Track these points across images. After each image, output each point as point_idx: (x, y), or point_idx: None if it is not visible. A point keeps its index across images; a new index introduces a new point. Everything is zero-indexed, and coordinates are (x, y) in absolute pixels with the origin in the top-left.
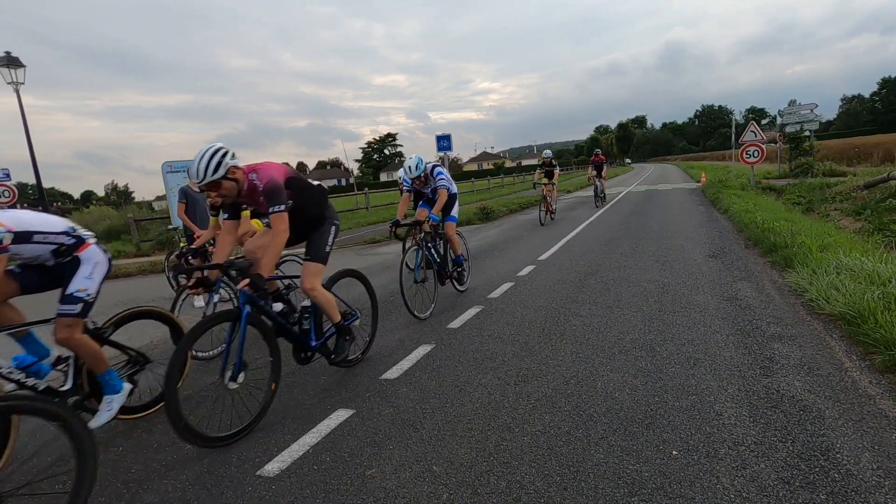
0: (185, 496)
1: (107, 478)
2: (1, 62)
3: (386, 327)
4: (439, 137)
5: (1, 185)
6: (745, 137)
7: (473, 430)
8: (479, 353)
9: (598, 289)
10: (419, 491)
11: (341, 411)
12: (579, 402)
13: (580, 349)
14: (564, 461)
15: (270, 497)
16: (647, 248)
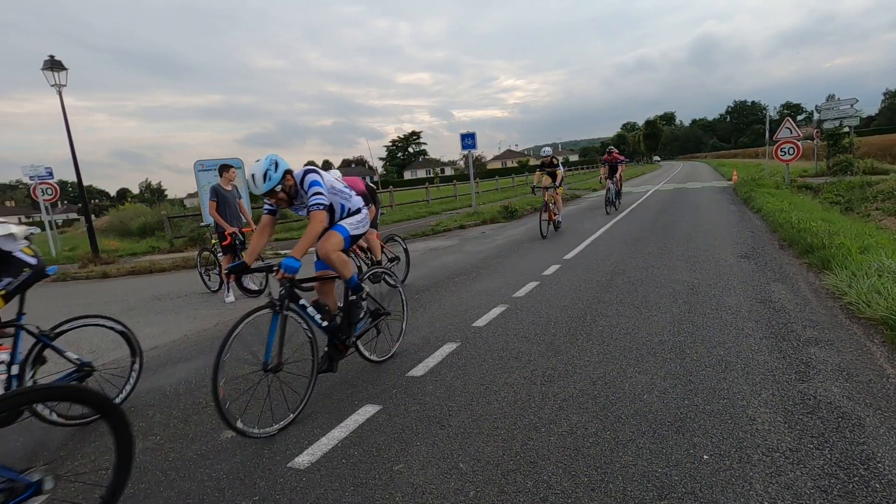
0: (219, 485)
1: (146, 465)
2: (45, 66)
3: (410, 325)
4: (464, 136)
5: (44, 183)
6: (780, 134)
7: (500, 429)
8: (504, 352)
9: (626, 289)
10: (446, 487)
11: (369, 407)
12: (607, 403)
13: (607, 350)
14: (592, 462)
15: (301, 489)
16: (676, 248)
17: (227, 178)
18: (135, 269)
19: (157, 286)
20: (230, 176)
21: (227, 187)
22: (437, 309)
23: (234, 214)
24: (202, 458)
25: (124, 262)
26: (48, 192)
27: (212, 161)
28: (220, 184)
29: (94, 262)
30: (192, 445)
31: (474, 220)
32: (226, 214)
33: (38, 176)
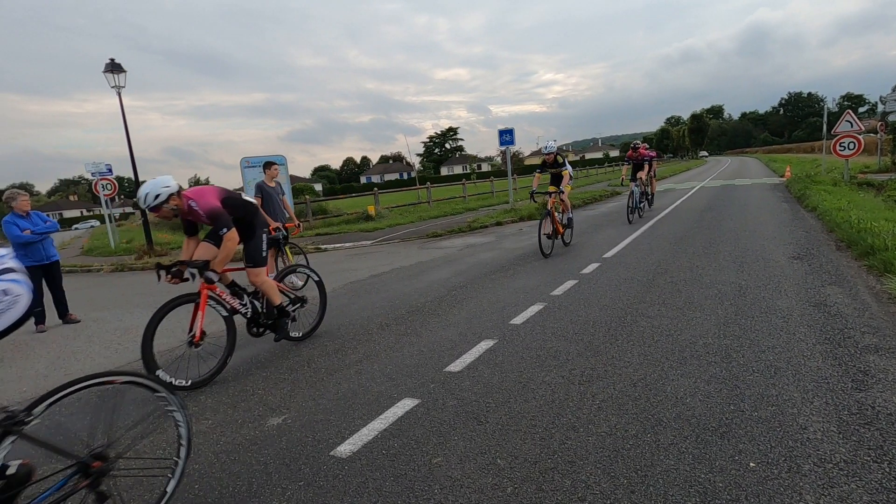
0: (267, 469)
1: (200, 447)
2: (106, 68)
3: (448, 321)
4: (502, 132)
5: (104, 179)
6: (840, 127)
7: (537, 428)
8: (542, 351)
9: (668, 289)
10: (484, 483)
11: (407, 400)
12: (647, 405)
13: (648, 351)
14: (632, 464)
15: (344, 476)
16: (723, 247)
17: (270, 175)
18: None
19: None
20: (273, 173)
21: (271, 184)
22: (475, 305)
23: (278, 210)
24: (250, 443)
25: (176, 254)
26: (108, 188)
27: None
28: (264, 180)
29: (148, 253)
30: (241, 430)
31: (511, 217)
32: (270, 210)
33: (99, 172)
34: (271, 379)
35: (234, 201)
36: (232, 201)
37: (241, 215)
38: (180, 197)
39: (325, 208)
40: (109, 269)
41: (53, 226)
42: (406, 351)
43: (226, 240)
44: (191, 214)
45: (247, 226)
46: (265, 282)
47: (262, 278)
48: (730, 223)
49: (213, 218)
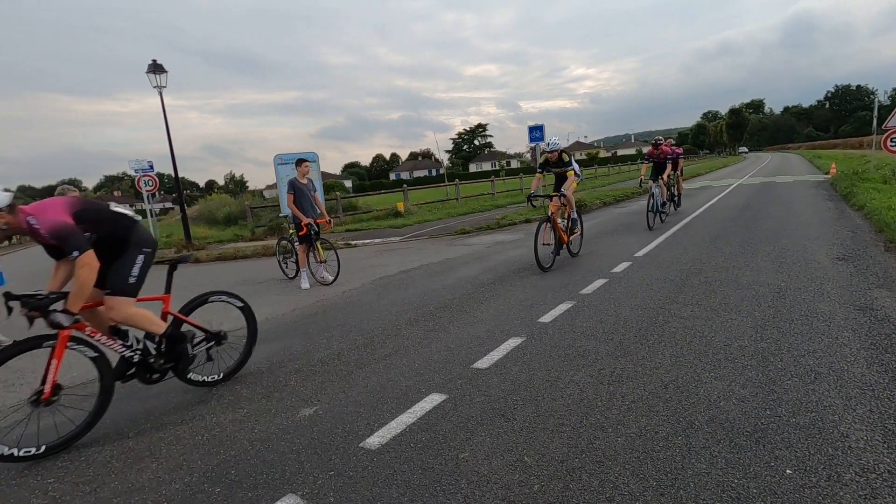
0: (299, 458)
1: (235, 434)
2: (149, 69)
3: (476, 318)
4: (531, 128)
5: (146, 175)
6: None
7: (565, 426)
8: (570, 350)
9: (702, 290)
10: (511, 479)
11: (435, 395)
12: (679, 408)
13: (680, 353)
14: (662, 466)
15: (373, 467)
16: (761, 247)
17: (301, 172)
18: (222, 256)
19: (241, 272)
20: (304, 170)
21: (303, 180)
22: (503, 303)
23: (310, 206)
24: (283, 433)
25: (212, 248)
26: (149, 184)
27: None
28: (297, 177)
29: (187, 248)
30: (275, 420)
31: (541, 214)
32: (302, 206)
33: (142, 169)
34: (303, 371)
35: (95, 214)
36: (91, 214)
37: (108, 231)
38: (13, 213)
39: (355, 205)
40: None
41: None
42: (434, 347)
43: (78, 266)
44: (33, 234)
45: (118, 243)
46: (132, 315)
47: (126, 311)
48: (769, 222)
49: (58, 238)
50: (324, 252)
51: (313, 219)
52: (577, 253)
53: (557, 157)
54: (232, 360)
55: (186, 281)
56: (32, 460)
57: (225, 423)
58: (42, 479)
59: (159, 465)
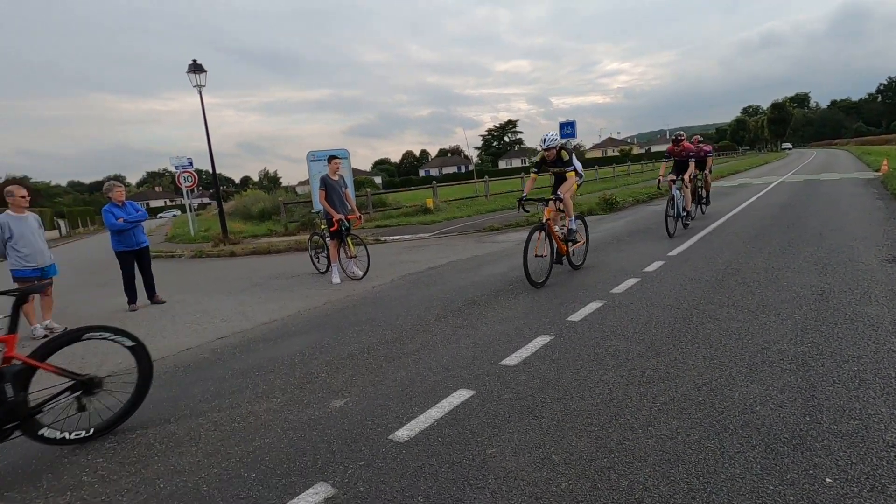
0: (330, 447)
1: (269, 423)
2: (189, 69)
3: (504, 315)
4: (563, 124)
5: (186, 172)
6: None
7: (594, 426)
8: (600, 349)
9: (740, 291)
10: (538, 476)
11: (462, 391)
12: (712, 411)
13: (715, 355)
14: (693, 469)
15: (401, 459)
16: (804, 247)
17: (333, 169)
18: (256, 250)
19: (275, 266)
20: (334, 166)
21: (335, 177)
22: (531, 300)
23: (341, 202)
24: (315, 423)
25: (247, 242)
26: (188, 180)
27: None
28: (328, 173)
29: (223, 241)
30: (306, 410)
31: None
32: (334, 202)
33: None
34: (334, 364)
35: None
36: None
37: None
38: None
39: (385, 201)
40: (189, 255)
41: (143, 215)
42: (462, 343)
43: None
44: None
45: None
46: None
47: None
48: (813, 221)
49: None
50: (354, 247)
51: (344, 215)
52: (581, 265)
53: (556, 154)
54: (113, 412)
55: (223, 273)
56: (81, 443)
57: (259, 412)
58: (91, 459)
59: (198, 449)
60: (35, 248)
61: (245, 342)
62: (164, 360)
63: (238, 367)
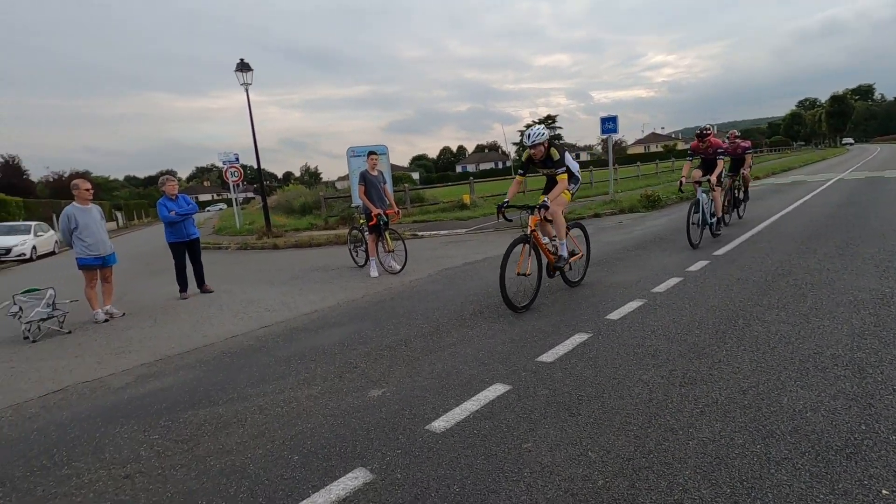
0: (368, 435)
1: (311, 409)
2: (237, 67)
3: (541, 312)
4: (604, 119)
5: (232, 167)
6: None
7: (632, 425)
8: (640, 349)
9: (791, 293)
10: (574, 473)
11: (498, 385)
12: (758, 415)
13: (762, 358)
14: (737, 474)
15: (438, 449)
16: (863, 248)
17: (371, 164)
18: (297, 243)
19: (315, 259)
20: (373, 162)
21: (374, 172)
22: (569, 298)
23: (380, 197)
24: (353, 410)
25: (289, 235)
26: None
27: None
28: (367, 169)
29: (267, 234)
30: (346, 398)
31: (611, 209)
32: (372, 197)
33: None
34: (372, 355)
35: None
36: None
37: None
38: None
39: (422, 196)
40: (235, 247)
41: (193, 208)
42: (498, 338)
43: None
44: None
45: None
46: None
47: None
48: (874, 222)
49: None
50: (392, 242)
51: (383, 209)
52: (579, 282)
53: (544, 152)
54: None
55: (267, 265)
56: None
57: (301, 398)
58: (148, 436)
59: (245, 431)
60: (97, 238)
61: (287, 331)
62: (213, 346)
63: (281, 354)
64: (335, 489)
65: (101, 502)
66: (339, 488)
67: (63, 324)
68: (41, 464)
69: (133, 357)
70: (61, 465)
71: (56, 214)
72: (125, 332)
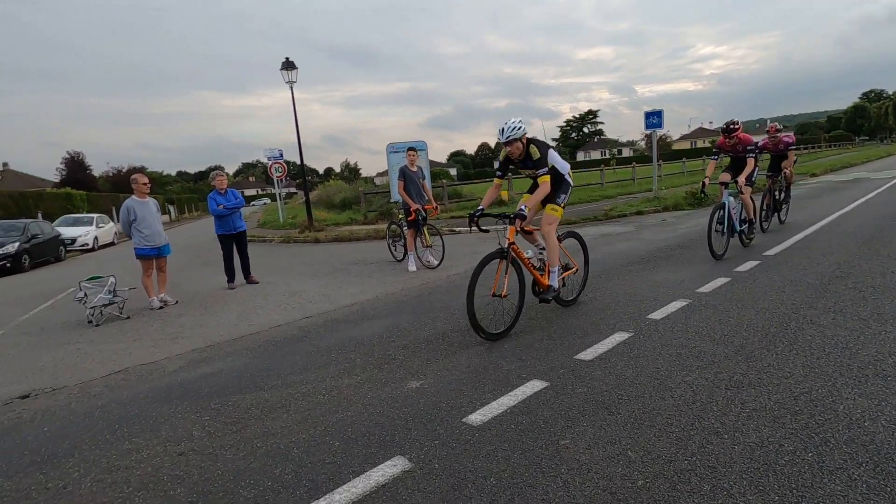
0: (406, 425)
1: (351, 398)
2: (282, 66)
3: (579, 310)
4: (648, 114)
5: (276, 163)
6: None
7: (674, 427)
8: (683, 349)
9: (850, 296)
10: (613, 471)
11: (536, 382)
12: (811, 422)
13: (817, 363)
14: (786, 481)
15: (475, 442)
16: None
17: (410, 160)
18: (338, 237)
19: (354, 252)
20: (412, 157)
21: (413, 168)
22: (609, 296)
23: (418, 193)
24: (392, 401)
25: (330, 230)
26: (279, 170)
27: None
28: (407, 165)
29: (309, 229)
30: (384, 389)
31: (654, 206)
32: (411, 193)
33: (273, 157)
34: (410, 347)
35: None
36: None
37: None
38: None
39: (460, 192)
40: (278, 241)
41: (240, 202)
42: (536, 335)
43: None
44: None
45: None
46: None
47: None
48: None
49: None
50: (430, 237)
51: (421, 205)
52: (574, 300)
53: (522, 150)
54: None
55: (308, 258)
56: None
57: (342, 387)
58: (200, 417)
59: (289, 416)
60: (154, 230)
61: (328, 322)
62: (258, 334)
63: (322, 344)
64: (374, 475)
65: (159, 476)
66: (379, 475)
67: (123, 310)
68: (105, 438)
69: (185, 342)
70: (123, 440)
71: (115, 207)
72: (178, 319)
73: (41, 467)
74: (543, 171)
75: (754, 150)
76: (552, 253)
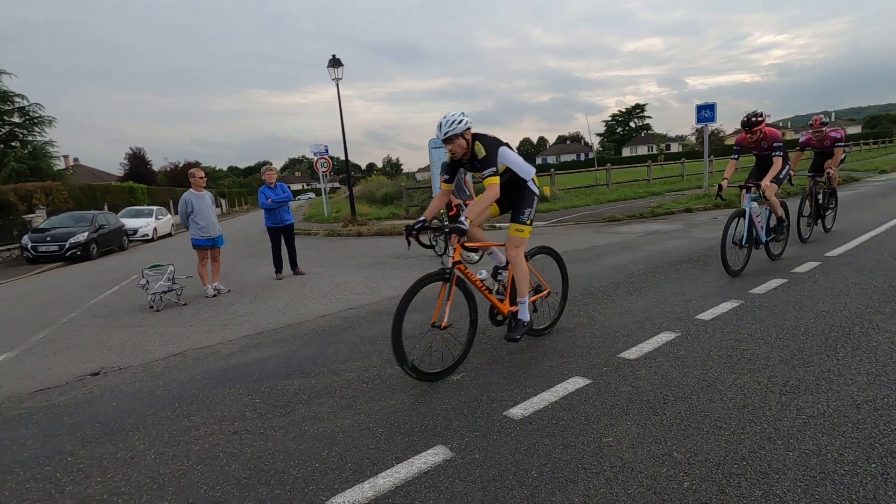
0: (447, 415)
1: (395, 388)
2: (329, 63)
3: (623, 308)
4: (700, 107)
5: (322, 158)
6: None
7: (723, 430)
8: (734, 351)
9: None
10: (658, 472)
11: (578, 379)
12: (874, 432)
13: (883, 371)
14: (845, 492)
15: (515, 435)
16: None
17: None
18: (380, 231)
19: (396, 246)
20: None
21: None
22: (655, 295)
23: (460, 188)
24: (434, 391)
25: (372, 224)
26: (324, 165)
27: None
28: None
29: (352, 222)
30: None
31: (704, 203)
32: (453, 188)
33: (319, 152)
34: (450, 340)
35: None
36: None
37: None
38: None
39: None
40: (323, 234)
41: (287, 196)
42: (578, 332)
43: None
44: None
45: None
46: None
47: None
48: None
49: None
50: None
51: (463, 200)
52: (548, 328)
53: (466, 148)
54: None
55: (352, 251)
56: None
57: (385, 376)
58: (252, 399)
59: (335, 402)
60: (209, 222)
61: (371, 313)
62: (304, 323)
63: (366, 334)
64: (417, 462)
65: (216, 452)
66: (421, 462)
67: (180, 296)
68: (166, 415)
69: (237, 329)
70: (182, 417)
71: (172, 200)
72: (230, 307)
73: (111, 438)
74: (489, 171)
75: (782, 148)
76: (521, 282)
